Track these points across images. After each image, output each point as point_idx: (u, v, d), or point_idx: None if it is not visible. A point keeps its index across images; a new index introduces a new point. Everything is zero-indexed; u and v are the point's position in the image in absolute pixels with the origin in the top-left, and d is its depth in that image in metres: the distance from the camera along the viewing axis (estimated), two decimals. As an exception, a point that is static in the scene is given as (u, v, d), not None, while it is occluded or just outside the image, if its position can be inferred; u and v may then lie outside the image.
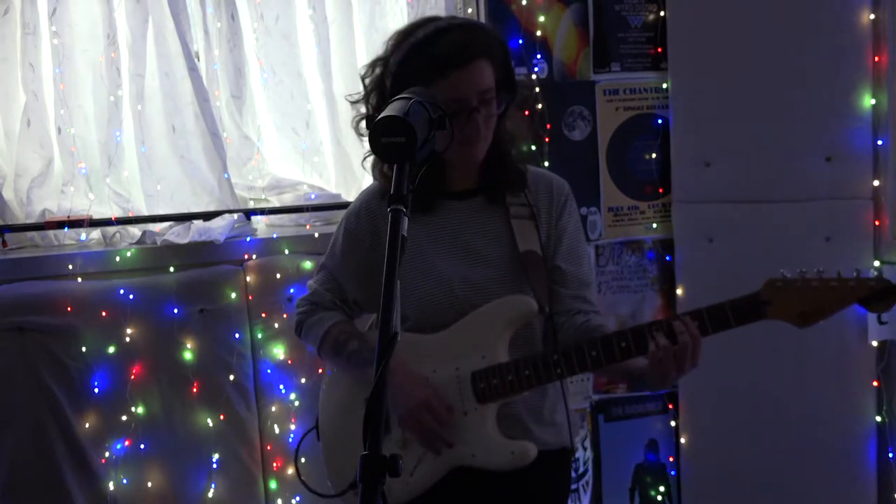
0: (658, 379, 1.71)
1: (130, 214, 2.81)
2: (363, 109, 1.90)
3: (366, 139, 1.77)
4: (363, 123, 1.90)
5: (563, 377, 1.81)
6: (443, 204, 1.91)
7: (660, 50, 2.93)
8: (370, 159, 1.94)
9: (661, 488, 3.04)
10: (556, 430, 1.95)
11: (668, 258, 2.98)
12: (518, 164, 1.94)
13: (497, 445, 1.82)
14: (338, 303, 2.00)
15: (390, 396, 1.76)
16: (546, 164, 2.85)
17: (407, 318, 1.86)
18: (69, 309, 2.61)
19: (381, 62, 1.84)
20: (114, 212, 2.80)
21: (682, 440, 2.99)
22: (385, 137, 1.26)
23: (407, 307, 1.85)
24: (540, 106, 2.85)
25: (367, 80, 1.87)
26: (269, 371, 2.81)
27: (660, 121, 2.95)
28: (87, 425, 2.66)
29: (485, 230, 1.91)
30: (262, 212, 2.93)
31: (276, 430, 2.81)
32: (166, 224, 2.81)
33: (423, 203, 1.88)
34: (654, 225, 2.99)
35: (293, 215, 2.94)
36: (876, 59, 2.73)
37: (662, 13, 2.91)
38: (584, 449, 2.97)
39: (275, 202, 2.99)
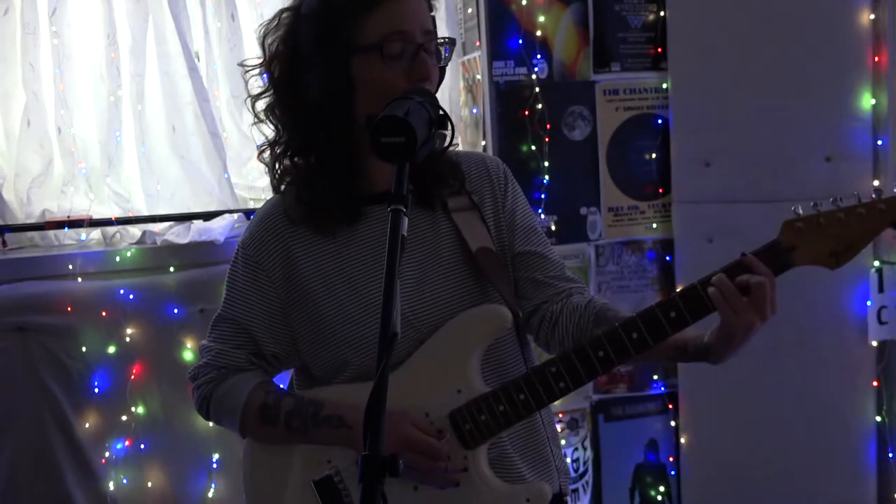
0: (733, 336, 1.42)
1: (130, 214, 2.81)
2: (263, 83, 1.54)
3: (265, 125, 1.54)
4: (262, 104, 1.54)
5: (592, 377, 1.48)
6: (364, 212, 1.54)
7: (660, 50, 2.93)
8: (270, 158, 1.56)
9: (661, 488, 3.04)
10: (547, 472, 1.61)
11: (668, 258, 2.98)
12: (446, 152, 1.57)
13: (506, 497, 1.48)
14: (255, 360, 1.58)
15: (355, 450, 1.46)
16: (546, 164, 2.85)
17: (348, 365, 1.52)
18: (69, 309, 2.61)
19: (289, 12, 1.50)
20: (114, 212, 2.80)
21: (682, 440, 2.99)
22: (385, 137, 1.24)
23: (346, 353, 1.52)
24: (540, 106, 2.85)
25: (270, 40, 1.52)
26: (269, 371, 2.81)
27: (660, 121, 2.95)
28: (87, 425, 2.65)
29: (424, 233, 1.56)
30: (262, 212, 2.92)
31: (276, 430, 2.81)
32: (166, 224, 2.80)
33: (347, 211, 1.52)
34: (654, 225, 2.99)
35: (293, 215, 2.94)
36: (876, 59, 2.73)
37: (662, 13, 2.91)
38: (584, 449, 2.97)
39: (275, 202, 2.99)
